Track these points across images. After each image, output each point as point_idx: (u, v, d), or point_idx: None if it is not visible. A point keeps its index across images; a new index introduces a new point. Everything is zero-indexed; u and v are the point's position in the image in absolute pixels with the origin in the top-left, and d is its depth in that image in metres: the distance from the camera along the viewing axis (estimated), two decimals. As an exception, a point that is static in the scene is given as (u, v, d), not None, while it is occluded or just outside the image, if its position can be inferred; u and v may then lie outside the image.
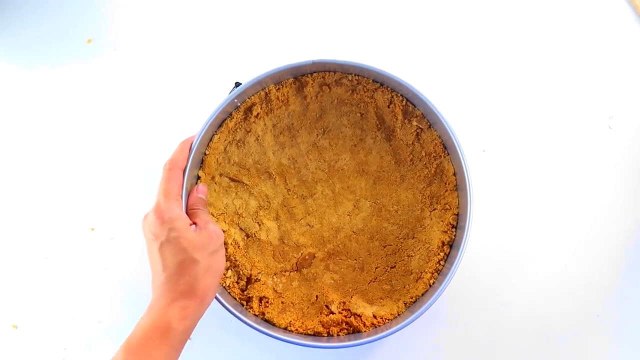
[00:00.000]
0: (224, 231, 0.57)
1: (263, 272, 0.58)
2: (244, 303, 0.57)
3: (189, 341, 0.61)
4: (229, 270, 0.57)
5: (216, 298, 0.53)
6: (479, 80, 0.68)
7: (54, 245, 0.67)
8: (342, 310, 0.56)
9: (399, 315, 0.56)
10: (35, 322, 0.66)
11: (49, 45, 0.70)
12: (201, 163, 0.58)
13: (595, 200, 0.65)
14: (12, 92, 0.70)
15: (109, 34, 0.70)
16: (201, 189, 0.56)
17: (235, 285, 0.57)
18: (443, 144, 0.57)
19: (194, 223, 0.51)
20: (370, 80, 0.58)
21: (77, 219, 0.67)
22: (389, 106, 0.58)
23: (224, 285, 0.56)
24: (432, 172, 0.58)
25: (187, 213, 0.53)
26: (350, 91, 0.58)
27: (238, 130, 0.59)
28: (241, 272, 0.57)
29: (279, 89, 0.58)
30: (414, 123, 0.58)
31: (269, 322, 0.56)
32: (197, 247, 0.48)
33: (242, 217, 0.59)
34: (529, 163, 0.66)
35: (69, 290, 0.66)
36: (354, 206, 0.59)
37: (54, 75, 0.70)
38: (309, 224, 0.59)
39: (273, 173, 0.59)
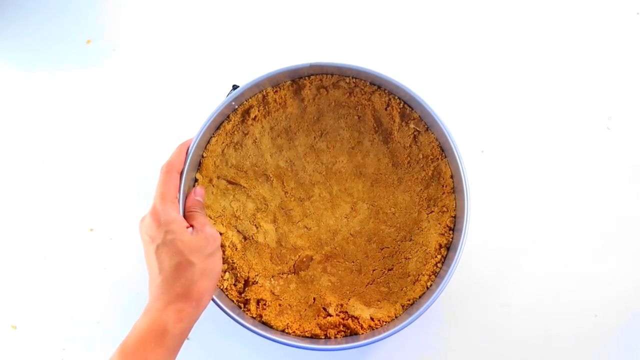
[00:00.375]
0: (221, 234, 0.57)
1: (260, 274, 0.58)
2: (242, 305, 0.57)
3: (186, 343, 0.61)
4: (227, 273, 0.57)
5: (213, 301, 0.53)
6: (477, 81, 0.68)
7: (53, 245, 0.67)
8: (340, 312, 0.56)
9: (396, 317, 0.56)
10: (34, 322, 0.66)
11: (48, 45, 0.70)
12: (199, 166, 0.58)
13: (594, 200, 0.65)
14: (12, 92, 0.70)
15: (108, 35, 0.70)
16: (198, 192, 0.56)
17: (233, 287, 0.57)
18: (440, 147, 0.57)
19: (191, 226, 0.51)
20: (368, 83, 0.58)
21: (76, 220, 0.67)
22: (386, 109, 0.58)
23: (221, 287, 0.57)
24: (430, 174, 0.58)
25: (184, 216, 0.54)
26: (348, 94, 0.58)
27: (235, 132, 0.59)
28: (239, 275, 0.57)
29: (276, 91, 0.58)
30: (412, 126, 0.58)
31: (266, 325, 0.56)
32: (193, 249, 0.48)
33: (240, 219, 0.59)
34: (528, 164, 0.66)
35: (68, 291, 0.66)
36: (352, 209, 0.59)
37: (53, 76, 0.70)
38: (306, 227, 0.59)
39: (270, 175, 0.59)
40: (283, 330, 0.56)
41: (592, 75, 0.68)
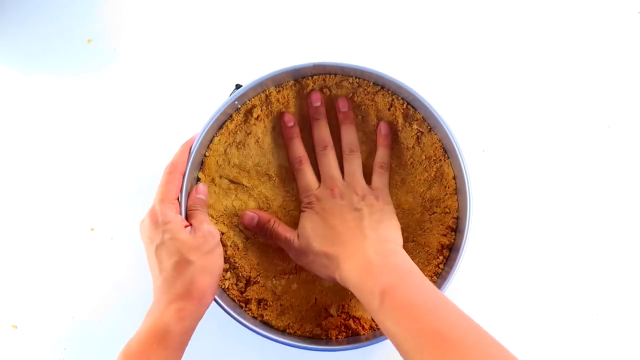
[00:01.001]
0: (222, 233, 0.57)
1: (262, 274, 0.58)
2: (243, 305, 0.57)
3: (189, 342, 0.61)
4: (228, 272, 0.57)
5: (215, 299, 0.53)
6: (478, 80, 0.68)
7: (54, 245, 0.67)
8: (341, 313, 0.56)
9: (397, 318, 0.56)
10: (35, 322, 0.66)
11: (48, 45, 0.70)
12: (201, 165, 0.58)
13: (595, 199, 0.66)
14: (11, 92, 0.70)
15: (109, 34, 0.70)
16: (201, 189, 0.56)
17: (234, 287, 0.57)
18: (443, 148, 0.57)
19: (190, 224, 0.51)
20: (371, 83, 0.58)
21: (77, 219, 0.67)
22: (389, 109, 0.58)
23: (222, 287, 0.57)
24: (432, 175, 0.58)
25: (186, 214, 0.54)
26: (351, 94, 0.58)
27: (238, 132, 0.59)
28: (240, 274, 0.57)
29: (279, 91, 0.58)
30: (415, 126, 0.58)
31: (267, 325, 0.56)
32: (191, 248, 0.48)
33: (242, 219, 0.59)
34: (529, 162, 0.66)
35: (69, 290, 0.66)
36: (354, 209, 0.59)
37: (53, 75, 0.70)
38: (308, 227, 0.59)
39: (273, 175, 0.59)
40: (284, 330, 0.56)
41: (593, 74, 0.68)
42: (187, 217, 0.54)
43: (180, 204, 0.54)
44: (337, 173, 0.55)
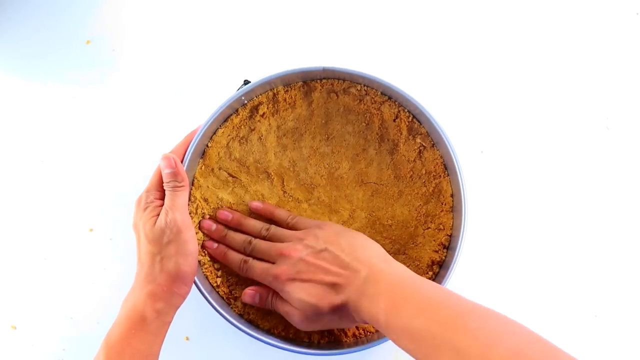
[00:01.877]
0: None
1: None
2: (231, 301, 0.57)
3: (186, 341, 0.61)
4: (220, 270, 0.57)
5: (203, 295, 0.53)
6: (478, 81, 0.68)
7: (53, 246, 0.67)
8: (326, 318, 0.57)
9: (381, 328, 0.56)
10: (34, 322, 0.66)
11: (47, 46, 0.70)
12: (202, 154, 0.58)
13: (593, 200, 0.66)
14: (10, 92, 0.69)
15: (108, 36, 0.69)
16: (166, 164, 0.52)
17: (224, 284, 0.57)
18: (444, 165, 0.57)
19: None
20: (379, 93, 0.58)
21: (76, 220, 0.67)
22: (394, 120, 0.58)
23: (213, 284, 0.57)
24: (430, 191, 0.58)
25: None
26: (358, 101, 0.58)
27: (242, 127, 0.59)
28: (230, 272, 0.57)
29: (287, 91, 0.58)
30: (418, 140, 0.58)
31: (252, 323, 0.56)
32: (151, 239, 0.49)
33: (236, 214, 0.59)
34: (527, 164, 0.67)
35: (68, 291, 0.66)
36: (349, 216, 0.59)
37: (53, 77, 0.69)
38: (301, 229, 0.59)
39: (272, 174, 0.59)
40: (268, 330, 0.56)
41: (591, 76, 0.68)
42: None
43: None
44: (272, 245, 0.53)
